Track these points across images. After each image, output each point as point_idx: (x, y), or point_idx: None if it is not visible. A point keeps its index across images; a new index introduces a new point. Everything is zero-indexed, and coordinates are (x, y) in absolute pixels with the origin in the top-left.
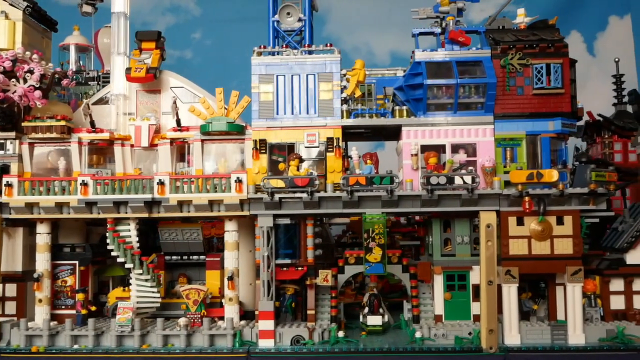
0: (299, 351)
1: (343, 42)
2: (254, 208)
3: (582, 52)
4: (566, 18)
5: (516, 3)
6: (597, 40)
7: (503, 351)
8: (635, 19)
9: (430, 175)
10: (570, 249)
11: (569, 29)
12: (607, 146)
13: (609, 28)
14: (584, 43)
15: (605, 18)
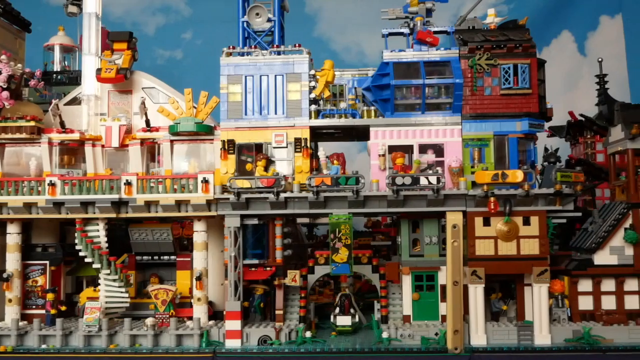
0: (264, 351)
1: (334, 42)
2: (221, 208)
3: (573, 51)
4: (557, 18)
5: (507, 3)
6: (588, 40)
7: (468, 351)
8: (626, 18)
9: (396, 176)
10: (537, 249)
11: (560, 28)
12: (590, 146)
13: (600, 27)
14: (575, 43)
15: (596, 17)
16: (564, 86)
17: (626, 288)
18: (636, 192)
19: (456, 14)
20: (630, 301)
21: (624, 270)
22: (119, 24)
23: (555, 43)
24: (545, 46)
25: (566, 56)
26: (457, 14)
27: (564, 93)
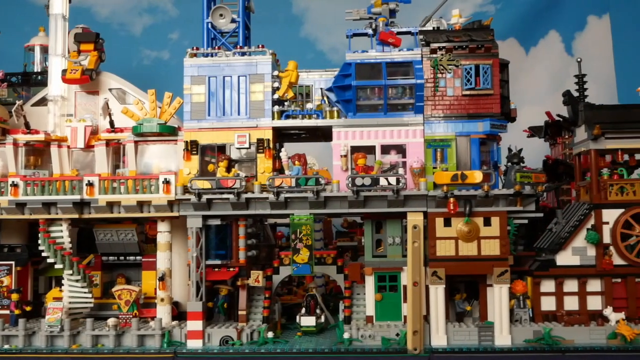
0: (225, 351)
1: (321, 42)
2: (183, 209)
3: (560, 51)
4: (545, 18)
5: (494, 3)
6: (575, 40)
7: (427, 352)
8: (613, 18)
9: (355, 177)
10: (497, 250)
11: (548, 28)
12: (567, 147)
13: (588, 28)
14: (562, 43)
15: (584, 18)
16: (551, 86)
17: (589, 289)
18: (599, 192)
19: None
20: (593, 302)
21: (586, 271)
22: (106, 24)
23: (542, 43)
24: (532, 46)
25: (553, 56)
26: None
27: (552, 93)
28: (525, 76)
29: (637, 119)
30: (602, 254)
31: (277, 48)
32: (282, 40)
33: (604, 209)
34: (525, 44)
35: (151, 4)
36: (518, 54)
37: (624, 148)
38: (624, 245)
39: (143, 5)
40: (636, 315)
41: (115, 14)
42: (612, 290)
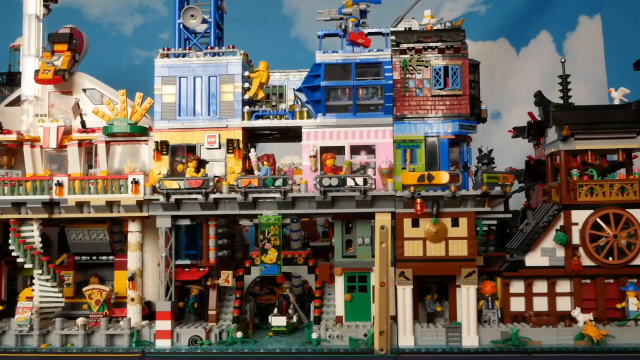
0: (192, 351)
1: (311, 42)
2: (152, 209)
3: (551, 51)
4: (536, 18)
5: (485, 3)
6: (566, 40)
7: (394, 352)
8: (605, 19)
9: (323, 177)
10: (465, 250)
11: (539, 28)
12: None
13: (579, 28)
14: (554, 43)
15: (575, 18)
16: (541, 86)
17: (558, 290)
18: (568, 193)
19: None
20: (562, 303)
21: (555, 272)
22: (97, 24)
23: (533, 43)
24: (523, 46)
25: (544, 56)
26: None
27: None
28: (516, 76)
29: (607, 119)
30: (571, 255)
31: (267, 48)
32: (273, 41)
33: (573, 209)
34: (516, 44)
35: (142, 4)
36: (509, 54)
37: (594, 149)
38: (592, 247)
39: (134, 5)
40: (605, 316)
41: (106, 14)
42: (581, 291)
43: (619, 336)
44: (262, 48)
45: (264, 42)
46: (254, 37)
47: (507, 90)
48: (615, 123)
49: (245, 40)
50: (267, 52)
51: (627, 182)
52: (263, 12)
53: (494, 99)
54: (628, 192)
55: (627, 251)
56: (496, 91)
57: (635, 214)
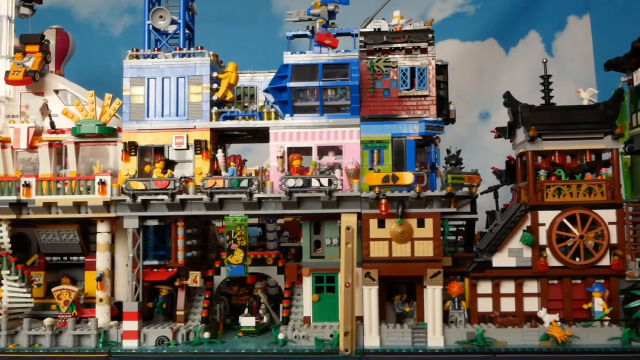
0: (159, 352)
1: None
2: (120, 210)
3: (540, 51)
4: (525, 18)
5: (474, 3)
6: (555, 40)
7: (359, 353)
8: (594, 19)
9: (288, 178)
10: (431, 251)
11: (528, 28)
12: None
13: (568, 28)
14: (542, 43)
15: (564, 18)
16: (530, 86)
17: (525, 290)
18: (535, 194)
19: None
20: (530, 303)
21: (522, 273)
22: (86, 24)
23: (522, 43)
24: (512, 46)
25: (533, 56)
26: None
27: (531, 93)
28: (505, 76)
29: (575, 120)
30: (538, 256)
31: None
32: (262, 40)
33: (540, 210)
34: (505, 45)
35: (131, 4)
36: (498, 55)
37: (561, 149)
38: (559, 247)
39: (123, 6)
40: (572, 317)
41: (96, 15)
42: (548, 291)
43: (585, 337)
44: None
45: (253, 41)
46: (243, 37)
47: (496, 90)
48: (582, 124)
49: (236, 40)
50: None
51: (595, 182)
52: (253, 12)
53: (483, 99)
54: (595, 192)
55: (594, 252)
56: (485, 91)
57: (602, 214)
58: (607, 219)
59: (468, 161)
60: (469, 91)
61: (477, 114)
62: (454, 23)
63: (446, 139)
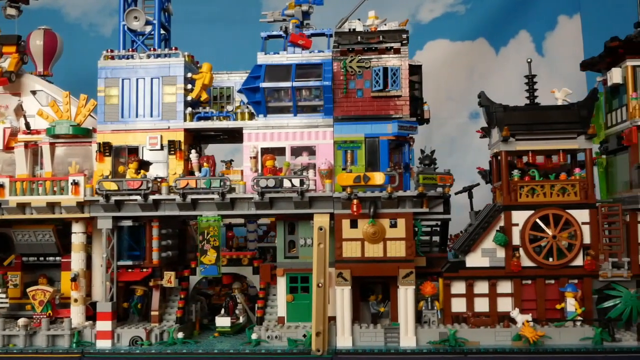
0: (131, 352)
1: None
2: (94, 210)
3: (530, 51)
4: (515, 17)
5: (464, 3)
6: (546, 40)
7: (331, 353)
8: (584, 18)
9: (260, 178)
10: (403, 251)
11: (518, 28)
12: None
13: (558, 28)
14: (533, 43)
15: (555, 18)
16: (521, 86)
17: (499, 290)
18: (509, 194)
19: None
20: (503, 303)
21: (495, 273)
22: (76, 25)
23: (513, 43)
24: (502, 46)
25: (524, 56)
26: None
27: (521, 93)
28: (495, 76)
29: (548, 120)
30: (511, 256)
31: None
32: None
33: (513, 210)
34: (495, 44)
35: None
36: (488, 54)
37: (535, 150)
38: (532, 247)
39: (113, 6)
40: (545, 317)
41: (86, 15)
42: (521, 292)
43: (557, 337)
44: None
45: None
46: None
47: (486, 90)
48: (556, 124)
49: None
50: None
51: (568, 182)
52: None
53: (473, 99)
54: (569, 193)
55: (567, 252)
56: (475, 91)
57: (575, 214)
58: (580, 219)
59: (458, 161)
60: (459, 91)
61: (467, 113)
62: (444, 23)
63: (436, 139)
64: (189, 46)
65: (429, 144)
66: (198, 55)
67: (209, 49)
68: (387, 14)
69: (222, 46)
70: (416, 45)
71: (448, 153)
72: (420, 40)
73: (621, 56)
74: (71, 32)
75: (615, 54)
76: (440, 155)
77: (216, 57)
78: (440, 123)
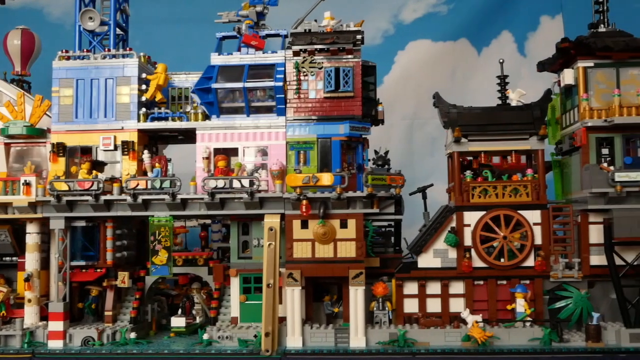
0: (82, 352)
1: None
2: (46, 211)
3: (512, 52)
4: (497, 18)
5: (447, 3)
6: (528, 41)
7: (280, 354)
8: (566, 19)
9: (209, 179)
10: (353, 252)
11: (500, 28)
12: None
13: (540, 28)
14: (515, 43)
15: (537, 18)
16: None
17: (451, 291)
18: (461, 195)
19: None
20: (456, 304)
21: (447, 273)
22: (58, 24)
23: (495, 43)
24: (485, 46)
25: (506, 56)
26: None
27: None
28: (477, 77)
29: (500, 121)
30: (463, 257)
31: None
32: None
33: (465, 211)
34: (477, 45)
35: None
36: (470, 55)
37: (487, 150)
38: (483, 248)
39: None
40: (496, 317)
41: (68, 15)
42: (472, 292)
43: (506, 337)
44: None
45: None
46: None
47: (469, 91)
48: (509, 125)
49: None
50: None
51: (520, 183)
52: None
53: (455, 100)
54: (521, 193)
55: (518, 253)
56: (457, 91)
57: (527, 215)
58: (531, 220)
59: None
60: (441, 91)
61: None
62: (427, 23)
63: (418, 139)
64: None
65: (410, 144)
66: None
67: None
68: (370, 14)
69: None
70: (398, 45)
71: (430, 153)
72: (403, 41)
73: (573, 57)
74: (53, 32)
75: (567, 55)
76: (421, 155)
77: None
78: (422, 123)
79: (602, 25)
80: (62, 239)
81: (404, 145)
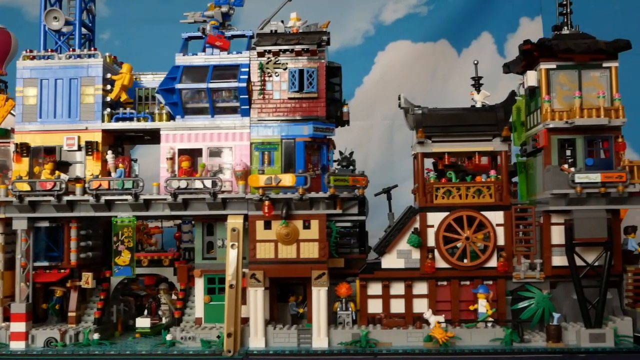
0: (45, 353)
1: None
2: (9, 211)
3: (492, 53)
4: (477, 19)
5: (427, 4)
6: (508, 42)
7: (242, 354)
8: (546, 20)
9: (172, 180)
10: (316, 253)
11: (480, 30)
12: None
13: (520, 29)
14: (495, 44)
15: (517, 19)
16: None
17: (415, 291)
18: (424, 195)
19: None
20: (420, 305)
21: (410, 274)
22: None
23: (475, 44)
24: (465, 47)
25: (486, 57)
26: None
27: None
28: (457, 78)
29: (464, 123)
30: (426, 257)
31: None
32: None
33: (429, 212)
34: (457, 46)
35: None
36: (450, 56)
37: (451, 151)
38: (446, 249)
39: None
40: (459, 318)
41: None
42: (436, 293)
43: (467, 338)
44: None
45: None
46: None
47: (448, 91)
48: (473, 126)
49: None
50: None
51: (483, 184)
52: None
53: (435, 101)
54: (484, 194)
55: (481, 254)
56: (437, 92)
57: (490, 216)
58: (494, 221)
59: None
60: (421, 92)
61: None
62: (407, 24)
63: (399, 140)
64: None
65: (390, 144)
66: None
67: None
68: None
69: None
70: (378, 46)
71: (410, 153)
72: (383, 41)
73: (536, 59)
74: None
75: (531, 57)
76: (402, 155)
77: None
78: (402, 124)
79: (566, 27)
80: (25, 239)
81: (384, 146)
